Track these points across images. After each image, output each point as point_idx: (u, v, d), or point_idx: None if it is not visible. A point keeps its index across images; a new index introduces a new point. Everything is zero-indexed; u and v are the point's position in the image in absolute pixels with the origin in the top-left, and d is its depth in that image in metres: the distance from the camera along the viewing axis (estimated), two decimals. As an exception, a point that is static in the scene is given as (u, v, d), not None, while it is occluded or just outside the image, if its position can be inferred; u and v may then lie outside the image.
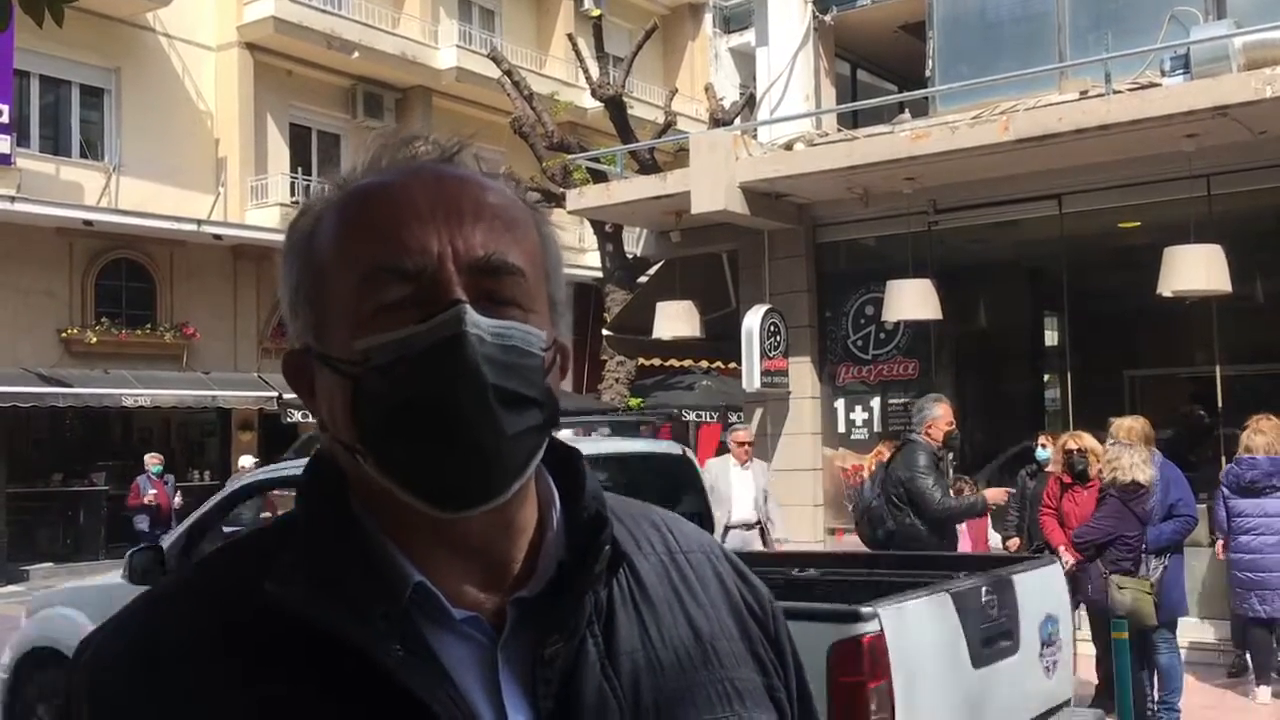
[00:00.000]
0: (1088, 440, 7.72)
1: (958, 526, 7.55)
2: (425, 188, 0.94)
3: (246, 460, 15.59)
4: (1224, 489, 7.88)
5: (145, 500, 15.33)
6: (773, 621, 1.09)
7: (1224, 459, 8.69)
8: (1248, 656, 8.13)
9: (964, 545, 7.95)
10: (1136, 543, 6.87)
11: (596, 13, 17.37)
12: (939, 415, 7.10)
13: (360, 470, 0.92)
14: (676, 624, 1.01)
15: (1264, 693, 7.72)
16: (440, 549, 0.93)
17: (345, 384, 0.91)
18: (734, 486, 9.10)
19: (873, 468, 10.56)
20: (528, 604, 0.95)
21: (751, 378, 10.89)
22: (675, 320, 11.51)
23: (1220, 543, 8.19)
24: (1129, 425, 7.47)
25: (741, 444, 9.37)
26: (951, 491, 7.16)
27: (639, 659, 0.96)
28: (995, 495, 7.67)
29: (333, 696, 0.88)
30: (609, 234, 16.57)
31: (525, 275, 0.94)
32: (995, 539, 9.15)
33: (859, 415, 11.25)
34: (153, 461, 15.83)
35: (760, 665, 1.04)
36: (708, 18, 27.45)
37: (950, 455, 7.28)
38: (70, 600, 7.19)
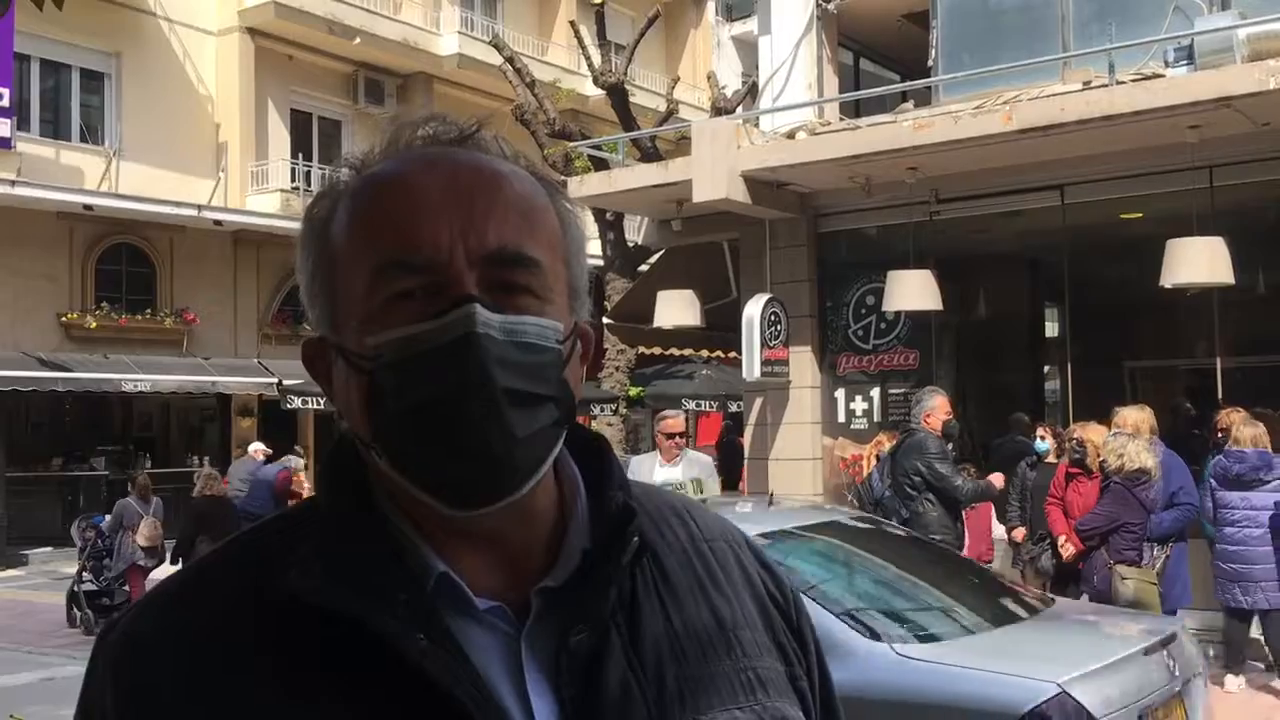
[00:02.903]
0: (1090, 431, 7.74)
1: (962, 514, 7.62)
2: (439, 178, 0.93)
3: (255, 446, 15.39)
4: (1211, 481, 7.88)
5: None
6: (795, 610, 1.09)
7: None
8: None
9: (967, 537, 7.97)
10: (1140, 531, 6.89)
11: (599, 0, 17.31)
12: (936, 405, 7.26)
13: (379, 464, 0.92)
14: (700, 613, 1.00)
15: (1231, 681, 7.78)
16: (458, 539, 0.94)
17: (360, 379, 0.91)
18: None
19: (873, 459, 10.58)
20: (552, 593, 0.94)
21: (751, 367, 10.88)
22: (676, 309, 11.50)
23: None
24: (1136, 417, 7.47)
25: (671, 435, 8.06)
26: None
27: (663, 648, 0.96)
28: (997, 480, 7.76)
29: (357, 685, 0.88)
30: (610, 222, 16.54)
31: (542, 265, 0.93)
32: (999, 530, 9.17)
33: (859, 405, 11.25)
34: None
35: (783, 654, 1.04)
36: (710, 5, 27.41)
37: (949, 444, 7.37)
38: None
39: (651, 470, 8.07)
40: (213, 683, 0.88)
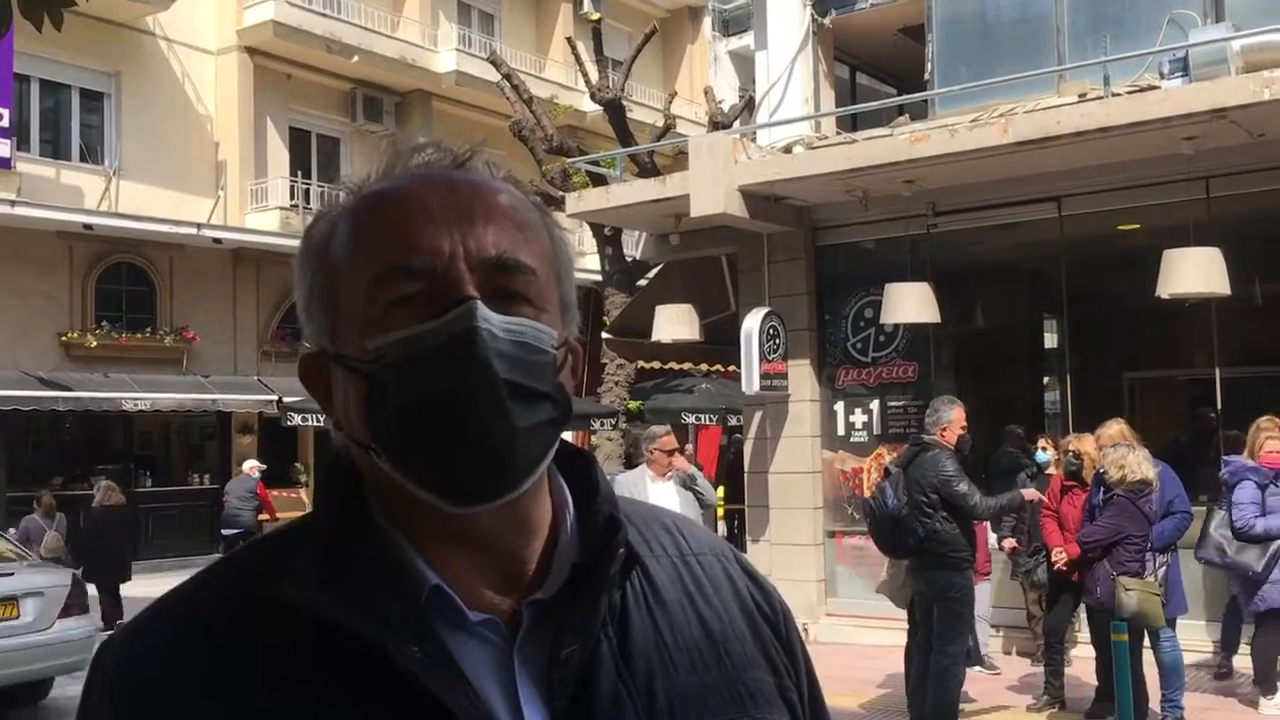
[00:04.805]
0: (1085, 443, 7.74)
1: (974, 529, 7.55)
2: (437, 191, 0.95)
3: (250, 463, 15.52)
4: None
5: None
6: (783, 623, 1.10)
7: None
8: (1233, 661, 8.20)
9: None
10: (1143, 542, 6.87)
11: (595, 16, 17.39)
12: (954, 419, 7.11)
13: (377, 471, 0.93)
14: (689, 625, 1.01)
15: (1266, 704, 7.70)
16: (455, 551, 0.94)
17: (359, 382, 0.92)
18: None
19: (874, 474, 10.58)
20: (543, 606, 0.96)
21: (750, 381, 10.88)
22: (674, 323, 11.51)
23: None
24: (1114, 431, 7.48)
25: (670, 451, 7.84)
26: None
27: (653, 660, 0.97)
28: (1031, 495, 7.71)
29: (352, 699, 0.89)
30: (608, 237, 16.56)
31: (537, 274, 0.95)
32: (992, 539, 9.16)
33: (858, 418, 11.25)
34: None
35: (772, 666, 1.05)
36: (707, 21, 27.51)
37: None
38: None
39: (645, 487, 7.63)
40: (209, 693, 0.89)
